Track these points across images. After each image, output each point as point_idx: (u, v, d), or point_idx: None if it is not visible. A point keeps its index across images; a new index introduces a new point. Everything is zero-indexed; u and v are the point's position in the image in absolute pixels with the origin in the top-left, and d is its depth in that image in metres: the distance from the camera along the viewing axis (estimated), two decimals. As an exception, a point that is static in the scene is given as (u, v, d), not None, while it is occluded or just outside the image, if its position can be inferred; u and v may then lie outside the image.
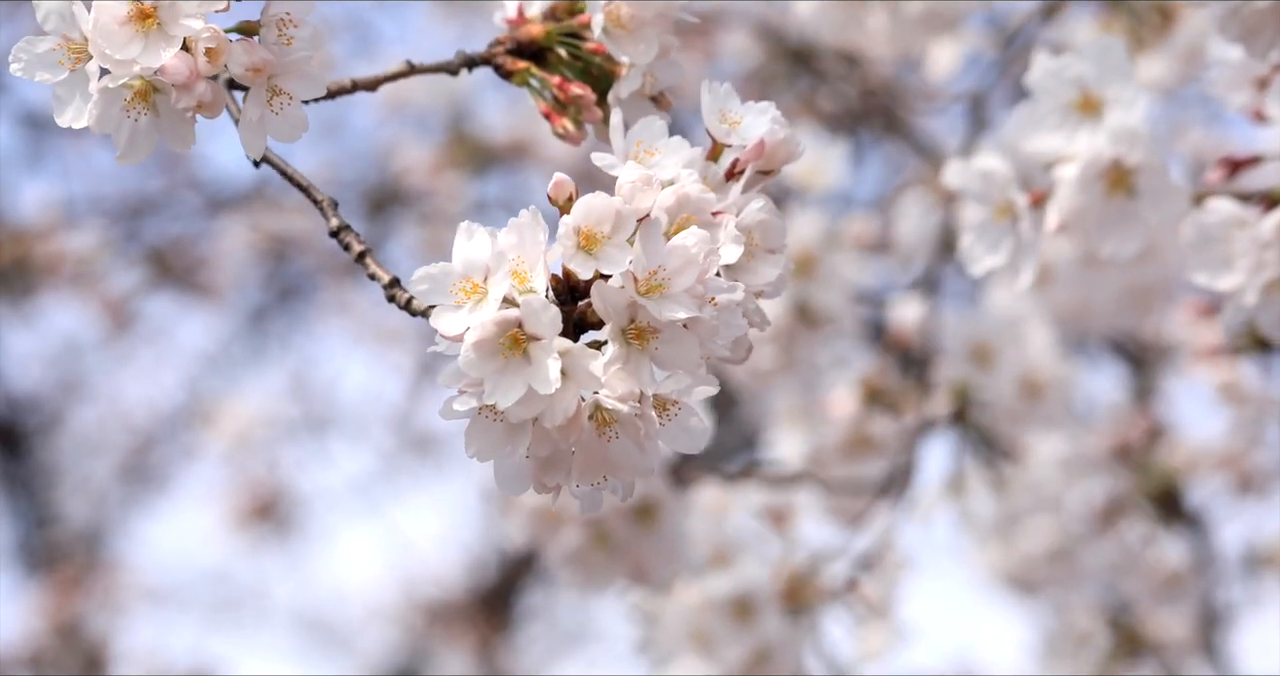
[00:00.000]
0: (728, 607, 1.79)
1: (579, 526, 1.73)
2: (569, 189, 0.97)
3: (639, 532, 1.74)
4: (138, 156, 1.05)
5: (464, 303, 0.93)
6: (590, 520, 1.72)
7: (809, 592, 1.86)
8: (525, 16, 1.18)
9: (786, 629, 1.81)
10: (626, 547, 1.74)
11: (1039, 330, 2.11)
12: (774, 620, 1.80)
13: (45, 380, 5.15)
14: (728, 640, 1.79)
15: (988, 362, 2.08)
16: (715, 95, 1.05)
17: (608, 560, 1.74)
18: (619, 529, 1.73)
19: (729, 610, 1.79)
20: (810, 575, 1.87)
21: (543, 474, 0.95)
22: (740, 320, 0.95)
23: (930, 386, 2.08)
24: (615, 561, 1.74)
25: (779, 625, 1.80)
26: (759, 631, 1.79)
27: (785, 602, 1.84)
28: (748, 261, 0.98)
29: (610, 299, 0.93)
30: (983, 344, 2.09)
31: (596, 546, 1.74)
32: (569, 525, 1.73)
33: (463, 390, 0.93)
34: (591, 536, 1.74)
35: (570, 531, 1.73)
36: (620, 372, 0.92)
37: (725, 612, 1.79)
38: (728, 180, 1.04)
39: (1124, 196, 1.37)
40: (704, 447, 0.95)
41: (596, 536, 1.74)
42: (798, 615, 1.85)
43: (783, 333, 2.07)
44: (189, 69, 1.01)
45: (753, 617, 1.80)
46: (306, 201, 1.12)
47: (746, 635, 1.79)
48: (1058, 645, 2.66)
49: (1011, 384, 2.08)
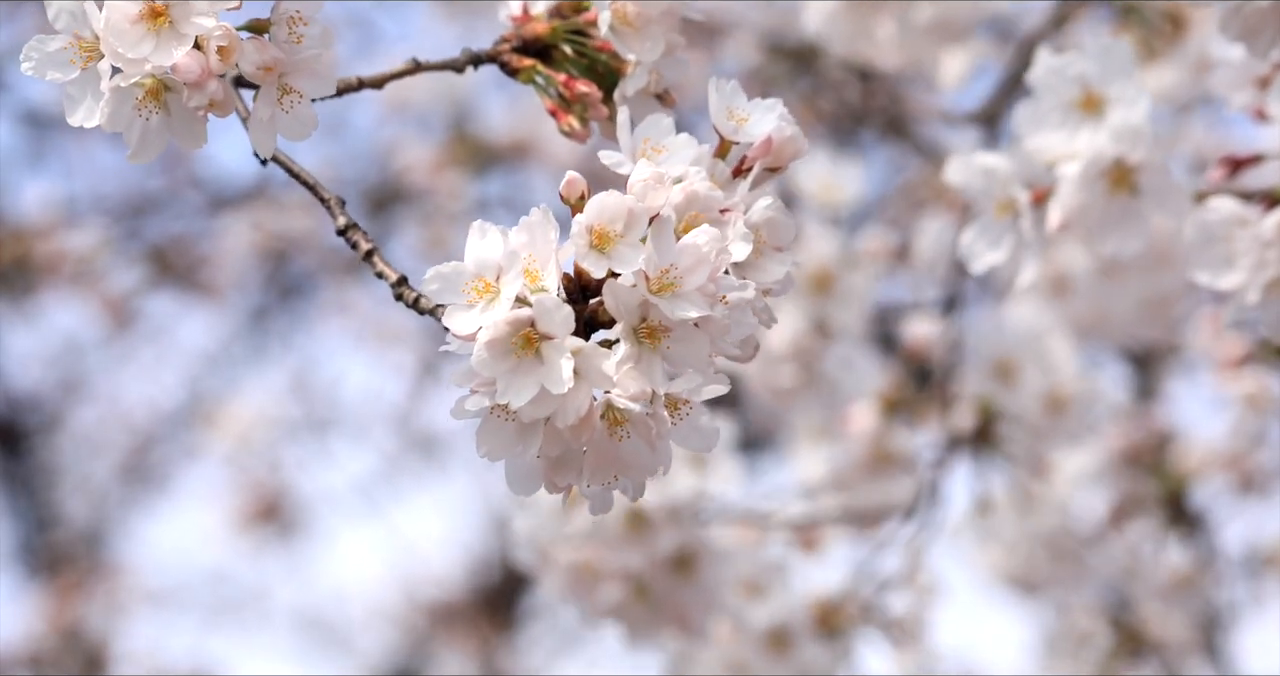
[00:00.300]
0: (764, 638, 1.80)
1: (618, 581, 1.71)
2: (581, 187, 0.97)
3: (678, 583, 1.72)
4: (149, 155, 1.05)
5: (476, 302, 0.93)
6: (629, 573, 1.70)
7: (841, 618, 1.87)
8: (531, 14, 1.18)
9: (823, 656, 1.82)
10: (666, 598, 1.72)
11: (1061, 345, 2.09)
12: (811, 649, 1.80)
13: (45, 379, 5.15)
14: (767, 670, 1.79)
15: (1011, 379, 2.07)
16: (722, 92, 1.05)
17: (649, 613, 1.72)
18: (658, 580, 1.71)
19: (766, 641, 1.80)
20: (842, 600, 1.87)
21: (554, 473, 0.95)
22: (750, 318, 0.95)
23: (950, 400, 2.07)
24: (657, 613, 1.73)
25: (816, 653, 1.80)
26: (797, 661, 1.79)
27: (819, 629, 1.84)
28: (756, 259, 0.98)
29: (623, 297, 0.93)
30: (1005, 360, 2.07)
31: (636, 600, 1.72)
32: (607, 580, 1.71)
33: (474, 390, 0.93)
34: (631, 590, 1.72)
35: (609, 586, 1.71)
36: (632, 372, 0.92)
37: (762, 643, 1.80)
38: (735, 177, 1.04)
39: (1126, 195, 1.37)
40: (714, 447, 0.95)
41: (636, 590, 1.72)
42: (832, 641, 1.85)
43: (802, 351, 2.06)
44: (201, 67, 1.01)
45: (789, 647, 1.80)
46: (308, 200, 1.12)
47: (785, 665, 1.79)
48: (1058, 645, 2.66)
49: (1036, 400, 2.06)
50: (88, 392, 5.18)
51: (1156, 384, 3.11)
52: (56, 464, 5.26)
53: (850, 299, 2.07)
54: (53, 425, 5.22)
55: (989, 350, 2.08)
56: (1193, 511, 2.62)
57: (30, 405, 5.16)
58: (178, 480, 5.24)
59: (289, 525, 4.98)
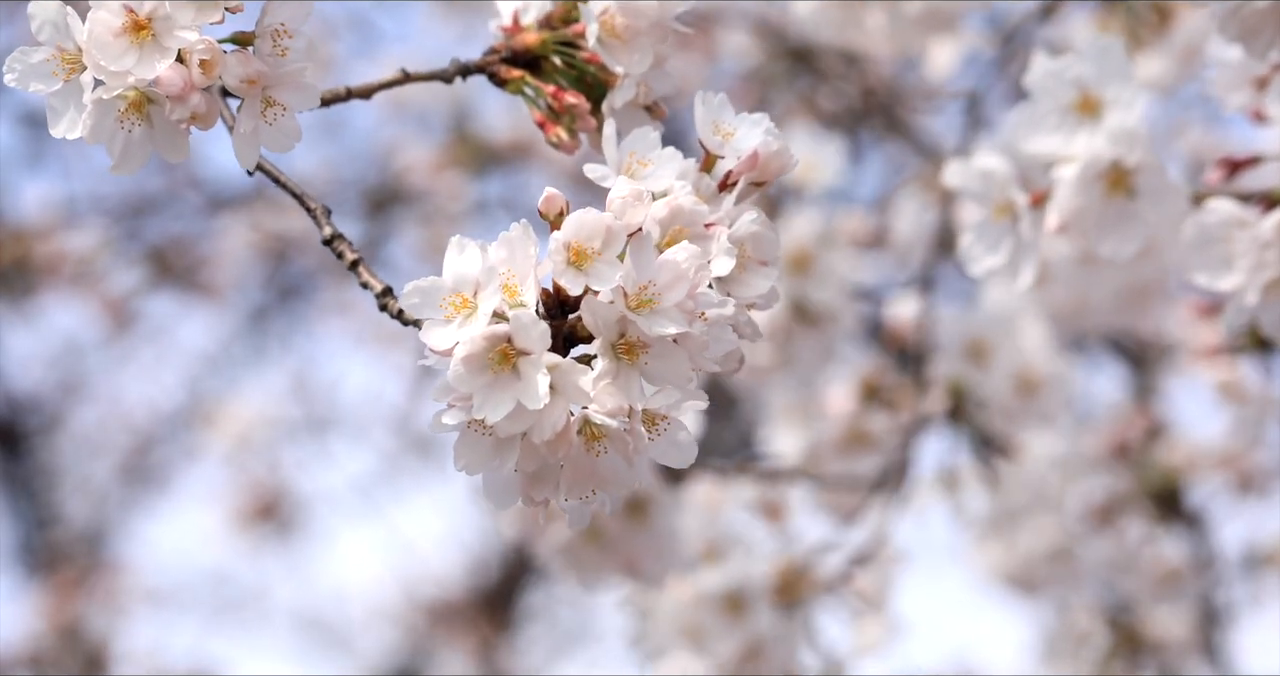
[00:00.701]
0: (720, 602, 1.79)
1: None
2: (560, 204, 0.97)
3: (631, 528, 1.72)
4: (132, 167, 1.05)
5: (454, 317, 0.93)
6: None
7: (803, 587, 1.86)
8: (520, 24, 1.17)
9: (780, 624, 1.81)
10: (618, 543, 1.72)
11: (1034, 327, 2.10)
12: (767, 615, 1.80)
13: (45, 380, 5.15)
14: (720, 635, 1.78)
15: (983, 360, 2.08)
16: (709, 107, 1.04)
17: (599, 555, 1.73)
18: (610, 524, 1.72)
19: (722, 605, 1.79)
20: (804, 570, 1.87)
21: (531, 488, 0.96)
22: (730, 335, 0.95)
23: (927, 383, 2.08)
24: (607, 557, 1.73)
25: (772, 620, 1.80)
26: (752, 626, 1.79)
27: (779, 597, 1.84)
28: (740, 273, 0.98)
29: (600, 314, 0.93)
30: (978, 341, 2.09)
31: (588, 542, 1.72)
32: (560, 520, 1.72)
33: (451, 404, 0.93)
34: (583, 531, 1.71)
35: (561, 526, 1.71)
36: (609, 387, 0.92)
37: (718, 607, 1.79)
38: (721, 191, 1.03)
39: (1124, 197, 1.37)
40: (691, 462, 0.95)
41: (588, 531, 1.72)
42: (791, 610, 1.85)
43: (779, 330, 2.07)
44: (183, 80, 1.01)
45: (746, 612, 1.79)
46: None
47: (739, 630, 1.79)
48: (1057, 644, 2.66)
49: (1007, 381, 2.07)
50: (88, 393, 5.18)
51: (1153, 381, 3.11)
52: (57, 464, 5.26)
53: (829, 279, 2.07)
54: (53, 425, 5.22)
55: (962, 331, 2.09)
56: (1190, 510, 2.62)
57: (30, 405, 5.17)
58: (178, 480, 5.25)
59: (288, 525, 4.98)
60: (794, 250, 2.06)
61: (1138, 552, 2.50)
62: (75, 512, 5.29)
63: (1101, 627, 2.64)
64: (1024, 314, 2.10)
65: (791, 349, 2.08)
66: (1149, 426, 2.61)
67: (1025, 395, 2.08)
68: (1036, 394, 2.08)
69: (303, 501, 5.05)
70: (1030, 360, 2.09)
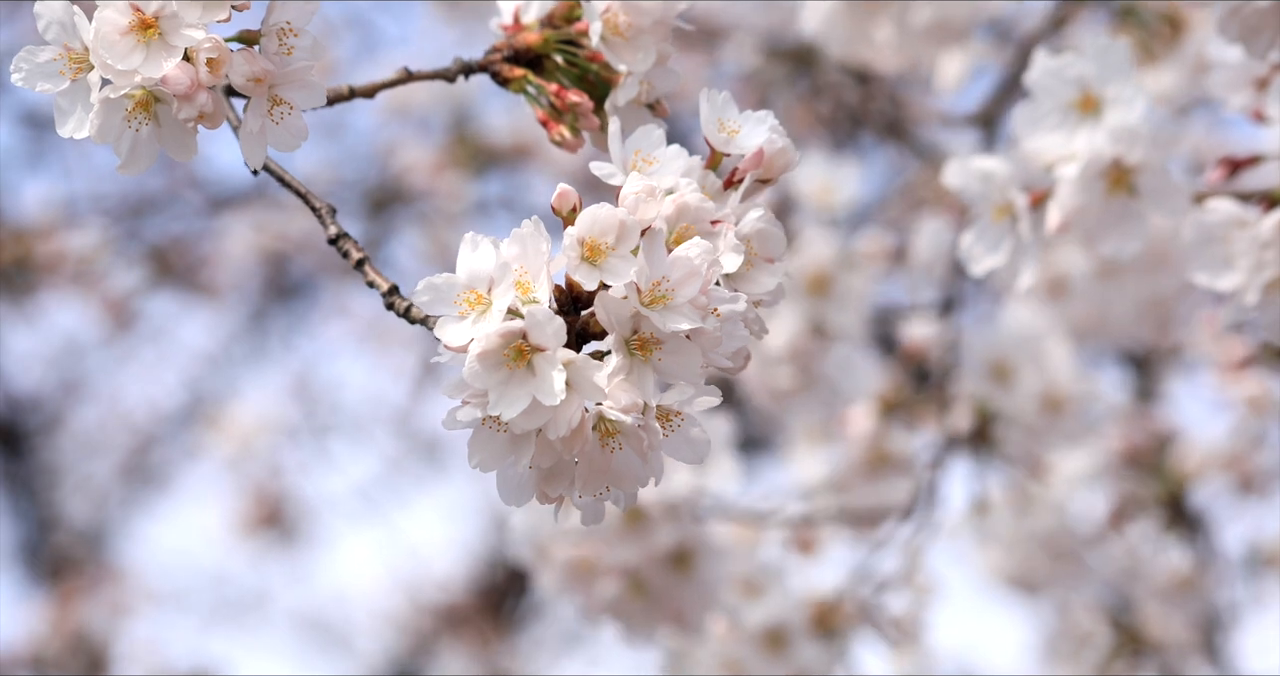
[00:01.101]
0: (761, 638, 1.80)
1: (615, 577, 1.70)
2: (573, 200, 0.97)
3: (676, 580, 1.72)
4: (139, 167, 1.05)
5: (468, 314, 0.93)
6: (626, 569, 1.70)
7: (838, 618, 1.86)
8: (522, 23, 1.17)
9: (820, 656, 1.82)
10: (664, 595, 1.72)
11: (1058, 346, 2.09)
12: (807, 648, 1.80)
13: (46, 380, 5.15)
14: (763, 669, 1.79)
15: (1007, 380, 2.06)
16: (713, 104, 1.05)
17: (646, 609, 1.72)
18: (655, 576, 1.71)
19: (763, 641, 1.80)
20: (839, 600, 1.87)
21: (546, 485, 0.95)
22: (742, 330, 0.95)
23: (948, 402, 2.07)
24: (654, 610, 1.73)
25: (813, 653, 1.80)
26: (794, 660, 1.79)
27: (816, 629, 1.84)
28: (747, 270, 0.98)
29: (614, 310, 0.93)
30: (1002, 361, 2.07)
31: (634, 596, 1.72)
32: (605, 576, 1.71)
33: (466, 401, 0.93)
34: (628, 587, 1.72)
35: (606, 582, 1.70)
36: (624, 384, 0.92)
37: (759, 643, 1.80)
38: (726, 189, 1.04)
39: (1125, 195, 1.37)
40: (705, 458, 0.95)
41: (633, 586, 1.72)
42: (828, 641, 1.85)
43: (800, 352, 2.06)
44: (190, 79, 1.01)
45: (786, 647, 1.80)
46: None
47: (781, 664, 1.79)
48: (1059, 645, 2.66)
49: (1032, 401, 2.06)
50: (88, 393, 5.18)
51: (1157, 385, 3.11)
52: (57, 464, 5.26)
53: (848, 300, 2.07)
54: (53, 425, 5.22)
55: (985, 351, 2.08)
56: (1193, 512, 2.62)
57: (31, 405, 5.17)
58: (179, 481, 5.25)
59: (291, 529, 4.98)
60: (813, 271, 2.05)
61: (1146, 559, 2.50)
62: (76, 512, 5.29)
63: (1103, 628, 2.64)
64: (1048, 332, 2.08)
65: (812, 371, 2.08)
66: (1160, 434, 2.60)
67: (1051, 414, 2.06)
68: (1062, 413, 2.06)
69: (304, 504, 5.05)
70: (1055, 379, 2.07)
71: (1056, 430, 2.08)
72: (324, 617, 5.60)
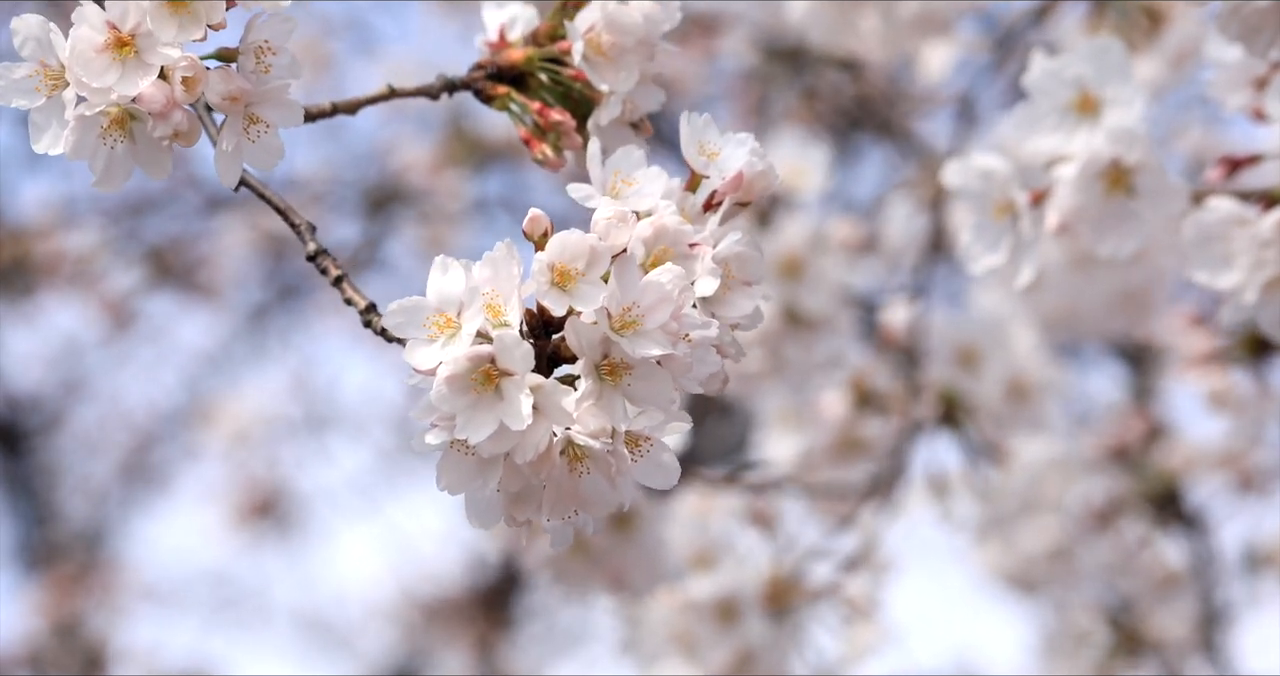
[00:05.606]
0: (711, 610, 1.79)
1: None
2: (544, 225, 0.97)
3: (617, 541, 1.72)
4: (114, 184, 1.05)
5: (437, 337, 0.93)
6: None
7: (793, 594, 1.86)
8: (506, 40, 1.17)
9: (771, 631, 1.81)
10: (605, 556, 1.72)
11: (1025, 333, 2.10)
12: (758, 622, 1.80)
13: (45, 380, 5.16)
14: (712, 643, 1.79)
15: (973, 365, 2.08)
16: (694, 126, 1.04)
17: (585, 568, 1.72)
18: (596, 538, 1.70)
19: (713, 612, 1.79)
20: (795, 577, 1.87)
21: (514, 508, 0.95)
22: (714, 356, 0.95)
23: (919, 388, 2.07)
24: (593, 570, 1.72)
25: (763, 627, 1.80)
26: (743, 634, 1.79)
27: (769, 605, 1.84)
28: (724, 294, 0.98)
29: (584, 335, 0.92)
30: (968, 347, 2.08)
31: (574, 554, 1.71)
32: (542, 538, 1.71)
33: (435, 424, 0.93)
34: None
35: (547, 539, 1.70)
36: (592, 408, 0.92)
37: (709, 615, 1.79)
38: (705, 211, 1.03)
39: (1123, 196, 1.37)
40: (675, 484, 0.95)
41: (574, 544, 1.72)
42: (782, 617, 1.85)
43: (771, 336, 2.06)
44: (165, 97, 1.01)
45: (736, 620, 1.80)
46: (306, 199, 1.12)
47: (731, 638, 1.79)
48: (1057, 644, 2.66)
49: (997, 387, 2.07)
50: (88, 392, 5.19)
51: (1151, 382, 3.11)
52: (56, 464, 5.27)
53: (820, 284, 2.06)
54: (53, 425, 5.23)
55: (952, 337, 2.09)
56: (1190, 510, 2.62)
57: (30, 405, 5.18)
58: (177, 479, 5.26)
59: (286, 522, 4.98)
60: (785, 255, 2.05)
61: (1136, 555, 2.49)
62: (75, 511, 5.30)
63: (1101, 627, 2.64)
64: (1014, 319, 2.09)
65: (783, 354, 2.07)
66: (1149, 428, 2.60)
67: (1016, 401, 2.07)
68: (1027, 400, 2.08)
69: (301, 500, 5.06)
70: (1021, 366, 2.08)
71: (1021, 417, 2.09)
72: (321, 615, 5.61)
